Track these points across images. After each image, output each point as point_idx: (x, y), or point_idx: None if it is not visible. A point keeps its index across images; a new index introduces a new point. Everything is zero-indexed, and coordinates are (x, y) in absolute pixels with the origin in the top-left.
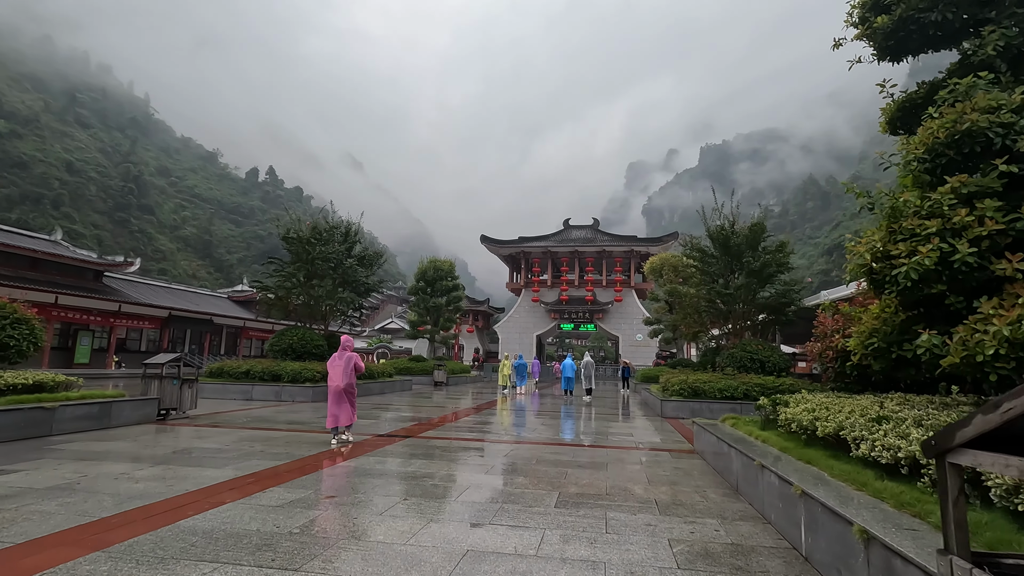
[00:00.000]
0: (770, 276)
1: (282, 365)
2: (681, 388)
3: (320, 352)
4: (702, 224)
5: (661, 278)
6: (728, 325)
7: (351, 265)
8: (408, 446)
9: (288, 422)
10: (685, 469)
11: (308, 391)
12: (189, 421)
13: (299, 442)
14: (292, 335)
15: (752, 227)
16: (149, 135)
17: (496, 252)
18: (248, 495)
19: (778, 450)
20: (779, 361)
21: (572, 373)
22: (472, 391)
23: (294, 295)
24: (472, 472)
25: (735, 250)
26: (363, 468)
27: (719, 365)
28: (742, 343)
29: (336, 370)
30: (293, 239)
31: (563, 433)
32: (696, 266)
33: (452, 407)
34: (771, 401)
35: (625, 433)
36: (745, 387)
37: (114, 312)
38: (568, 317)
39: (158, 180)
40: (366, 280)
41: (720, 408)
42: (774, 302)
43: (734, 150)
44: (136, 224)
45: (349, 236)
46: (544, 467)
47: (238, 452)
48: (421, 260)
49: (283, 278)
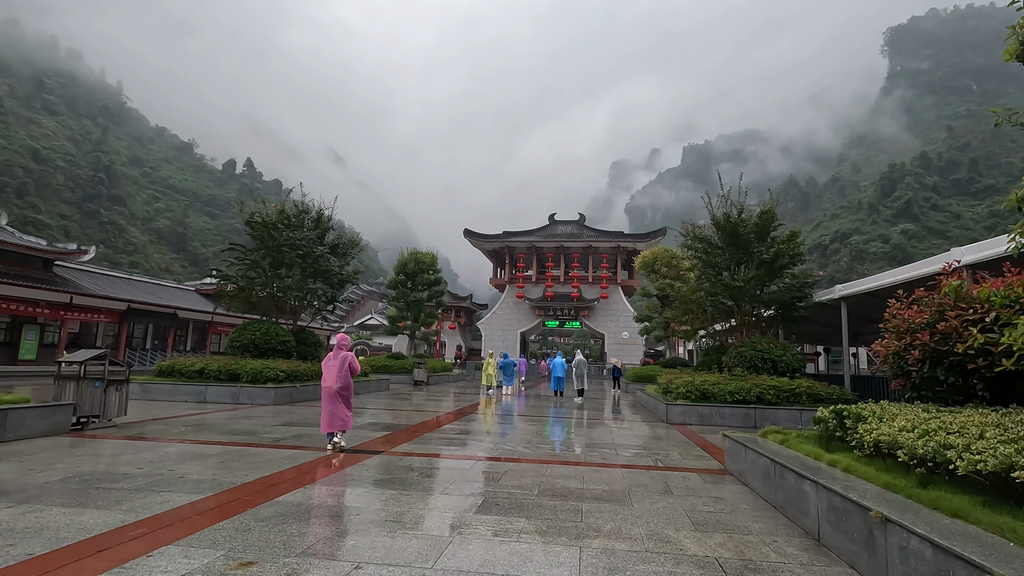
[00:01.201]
0: (781, 268)
1: (241, 363)
2: (688, 391)
3: (286, 349)
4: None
5: (654, 273)
6: (733, 321)
7: (322, 253)
8: (376, 468)
9: (236, 432)
10: (729, 501)
11: (269, 392)
12: (114, 431)
13: (241, 461)
14: (255, 329)
15: (762, 215)
16: (121, 124)
17: (480, 247)
18: (119, 563)
19: (879, 486)
20: (792, 361)
21: (563, 372)
22: (455, 391)
23: (258, 285)
24: (457, 512)
25: (743, 240)
26: (311, 505)
27: (726, 365)
28: (751, 341)
29: (330, 371)
30: (257, 223)
31: (563, 446)
32: (700, 257)
33: (433, 411)
34: (834, 413)
35: (635, 445)
36: (758, 390)
37: (65, 304)
38: (553, 314)
39: (130, 170)
40: (339, 270)
41: (732, 413)
42: (784, 296)
43: (716, 150)
44: (106, 215)
45: (321, 222)
46: (551, 500)
47: (151, 479)
48: (401, 252)
49: (246, 266)
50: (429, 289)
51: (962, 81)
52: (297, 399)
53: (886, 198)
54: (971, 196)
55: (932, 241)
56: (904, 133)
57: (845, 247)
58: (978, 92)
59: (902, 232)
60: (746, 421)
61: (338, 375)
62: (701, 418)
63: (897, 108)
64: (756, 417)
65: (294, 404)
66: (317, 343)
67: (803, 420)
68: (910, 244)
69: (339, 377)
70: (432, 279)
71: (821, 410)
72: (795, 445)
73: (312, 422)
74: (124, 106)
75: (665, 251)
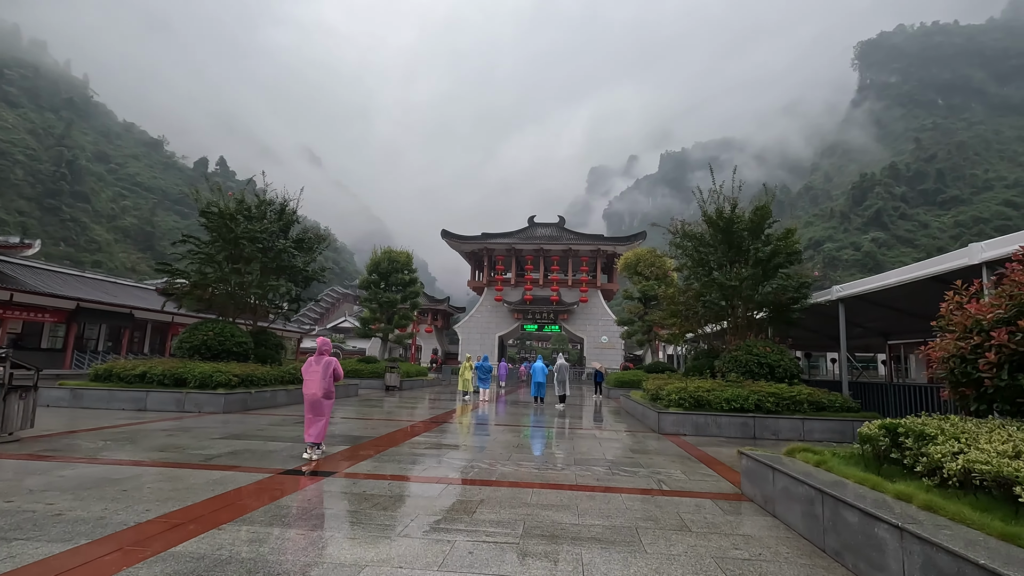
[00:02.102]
0: (777, 267)
1: (189, 367)
2: (681, 398)
3: (243, 351)
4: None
5: (637, 275)
6: (724, 323)
7: (285, 248)
8: (324, 497)
9: (164, 448)
10: (763, 541)
11: (219, 400)
12: (13, 448)
13: (150, 489)
14: (207, 329)
15: (756, 210)
16: (87, 118)
17: (458, 248)
18: None
19: (996, 538)
20: (790, 366)
21: (543, 378)
22: (429, 397)
23: (213, 282)
24: (421, 568)
25: (737, 237)
26: (217, 559)
27: (719, 370)
28: (747, 344)
29: (312, 376)
30: (213, 214)
31: (548, 462)
32: (691, 255)
33: (403, 420)
34: (884, 429)
35: (630, 461)
36: (757, 397)
37: (4, 302)
38: (532, 317)
39: (95, 166)
40: (304, 267)
41: (729, 423)
42: (780, 297)
43: (692, 158)
44: (68, 212)
45: (285, 215)
46: (540, 544)
47: (12, 519)
48: (375, 250)
49: (201, 261)
50: (404, 290)
51: (928, 95)
52: (252, 406)
53: (857, 207)
54: (937, 206)
55: (901, 249)
56: (874, 144)
57: (818, 254)
58: (943, 106)
59: (872, 240)
60: (745, 431)
61: (321, 381)
62: (696, 428)
63: (867, 119)
64: (755, 427)
65: (248, 412)
66: (278, 345)
67: (805, 430)
68: (880, 252)
69: (323, 383)
70: (407, 279)
71: (868, 425)
72: (837, 468)
73: (261, 434)
74: (90, 100)
75: (649, 252)
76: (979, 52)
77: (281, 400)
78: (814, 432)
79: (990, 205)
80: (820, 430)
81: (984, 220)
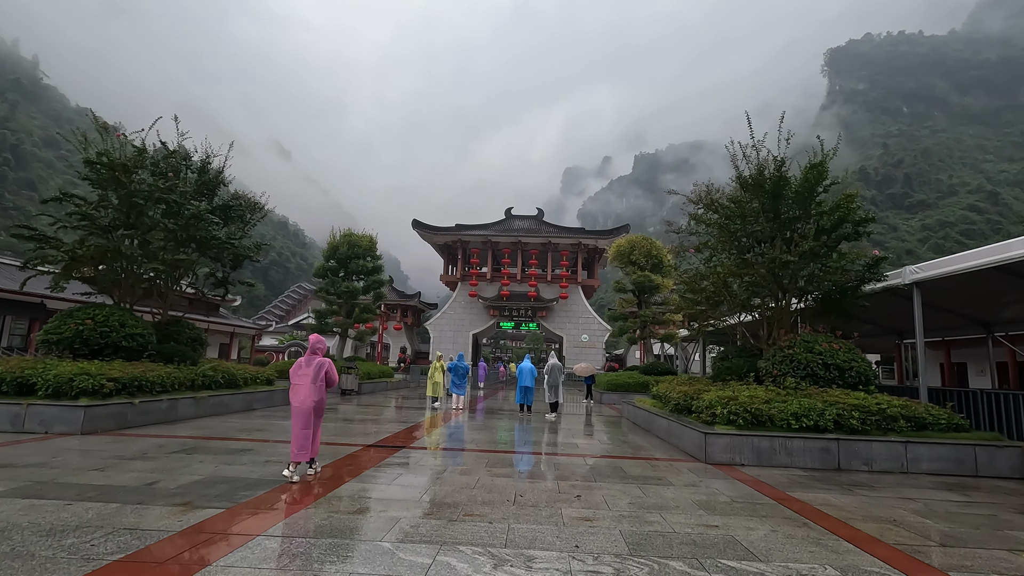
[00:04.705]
0: (840, 240)
1: (40, 368)
2: (733, 413)
3: (137, 347)
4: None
5: (631, 264)
6: (756, 314)
7: (202, 214)
8: None
9: None
10: None
11: (78, 415)
12: None
13: None
14: (84, 316)
15: (811, 168)
16: (36, 101)
17: (430, 240)
18: None
19: None
20: (864, 368)
21: (531, 381)
22: (392, 403)
23: (93, 254)
24: None
25: (788, 202)
26: None
27: (767, 373)
28: (804, 340)
29: (302, 382)
30: (101, 165)
31: (579, 558)
32: (726, 226)
33: (347, 442)
34: None
35: (724, 541)
36: (836, 410)
37: None
38: (509, 315)
39: (43, 152)
40: (228, 239)
41: (802, 447)
42: (848, 278)
43: (665, 160)
44: (11, 199)
45: (207, 174)
46: None
47: None
48: (332, 233)
49: (84, 228)
50: (366, 278)
51: (894, 102)
52: (136, 422)
53: None
54: (905, 210)
55: None
56: (842, 148)
57: None
58: (908, 114)
59: None
60: (826, 459)
61: (312, 387)
62: (758, 455)
63: (835, 124)
64: (840, 453)
65: (126, 432)
66: (196, 339)
67: (909, 458)
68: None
69: (314, 390)
70: (370, 266)
71: None
72: None
73: (128, 479)
74: (40, 82)
75: (644, 239)
76: (941, 62)
77: (186, 412)
78: (920, 461)
79: (955, 210)
80: (929, 458)
81: (950, 224)
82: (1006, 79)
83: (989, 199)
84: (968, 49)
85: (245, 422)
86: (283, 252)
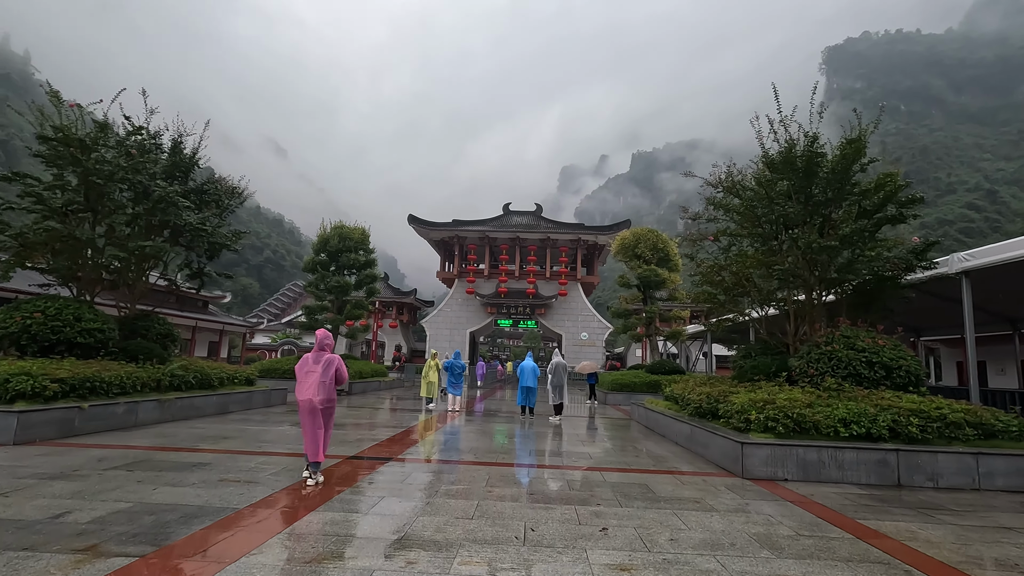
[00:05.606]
0: (880, 224)
1: None
2: (771, 419)
3: (95, 343)
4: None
5: (636, 259)
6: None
7: (171, 196)
8: None
9: None
10: None
11: (10, 421)
12: None
13: None
14: (31, 309)
15: (848, 143)
16: (26, 96)
17: (426, 236)
18: None
19: None
20: (914, 367)
21: (534, 382)
22: (383, 405)
23: (45, 240)
24: None
25: (824, 182)
26: None
27: (802, 372)
28: (843, 335)
29: (309, 379)
30: (56, 140)
31: None
32: (746, 213)
33: (331, 448)
34: None
35: (761, 568)
36: (890, 415)
37: None
38: (506, 312)
39: (34, 147)
40: (201, 226)
41: (855, 460)
42: (892, 265)
43: (661, 159)
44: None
45: (179, 153)
46: None
47: None
48: (323, 226)
49: (36, 206)
50: (358, 273)
51: (891, 101)
52: (86, 430)
53: None
54: None
55: None
56: None
57: None
58: (905, 112)
59: None
60: (884, 474)
61: (320, 385)
62: (804, 468)
63: (834, 122)
64: (900, 465)
65: (70, 440)
66: (167, 335)
67: (980, 472)
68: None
69: (322, 387)
70: (362, 260)
71: None
72: None
73: (57, 504)
74: (31, 78)
75: (650, 231)
76: (938, 61)
77: (148, 417)
78: (995, 476)
79: (953, 208)
80: (1005, 472)
81: (948, 222)
82: (1003, 78)
83: (987, 197)
84: (965, 48)
85: (215, 427)
86: (278, 250)
